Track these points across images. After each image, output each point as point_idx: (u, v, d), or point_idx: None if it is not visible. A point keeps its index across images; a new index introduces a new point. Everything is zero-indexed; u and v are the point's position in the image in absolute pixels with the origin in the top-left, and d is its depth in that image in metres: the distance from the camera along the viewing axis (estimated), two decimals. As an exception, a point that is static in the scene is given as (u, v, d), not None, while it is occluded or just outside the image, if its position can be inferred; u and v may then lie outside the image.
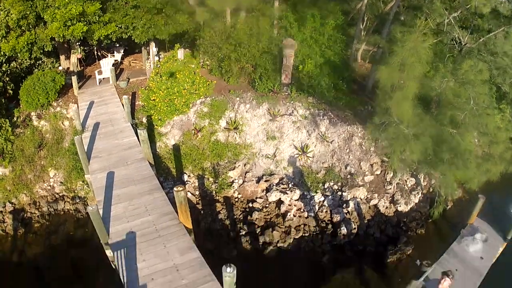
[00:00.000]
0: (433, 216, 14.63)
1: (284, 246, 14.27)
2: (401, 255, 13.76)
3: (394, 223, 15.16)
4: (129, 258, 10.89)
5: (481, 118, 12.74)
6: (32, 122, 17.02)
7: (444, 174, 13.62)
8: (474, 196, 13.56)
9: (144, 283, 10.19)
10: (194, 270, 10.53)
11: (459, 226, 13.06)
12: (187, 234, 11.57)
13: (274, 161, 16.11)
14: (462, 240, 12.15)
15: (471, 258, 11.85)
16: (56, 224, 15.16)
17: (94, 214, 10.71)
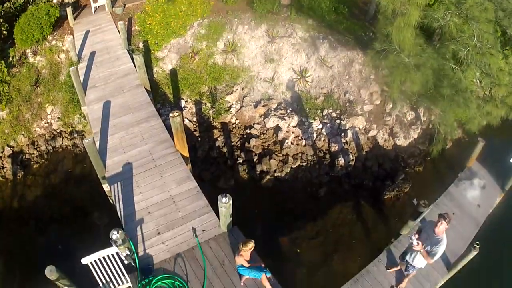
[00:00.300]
0: (431, 154, 14.16)
1: (281, 175, 14.05)
2: (399, 192, 13.51)
3: (393, 157, 14.76)
4: (125, 191, 10.71)
5: (484, 57, 11.99)
6: (27, 60, 16.38)
7: (444, 111, 13.10)
8: (473, 139, 12.95)
9: (141, 217, 10.07)
10: (190, 201, 10.40)
11: (458, 168, 12.63)
12: (183, 163, 11.33)
13: (272, 85, 15.51)
14: (459, 184, 11.77)
15: (468, 205, 11.50)
16: (55, 163, 14.97)
17: (90, 147, 10.30)
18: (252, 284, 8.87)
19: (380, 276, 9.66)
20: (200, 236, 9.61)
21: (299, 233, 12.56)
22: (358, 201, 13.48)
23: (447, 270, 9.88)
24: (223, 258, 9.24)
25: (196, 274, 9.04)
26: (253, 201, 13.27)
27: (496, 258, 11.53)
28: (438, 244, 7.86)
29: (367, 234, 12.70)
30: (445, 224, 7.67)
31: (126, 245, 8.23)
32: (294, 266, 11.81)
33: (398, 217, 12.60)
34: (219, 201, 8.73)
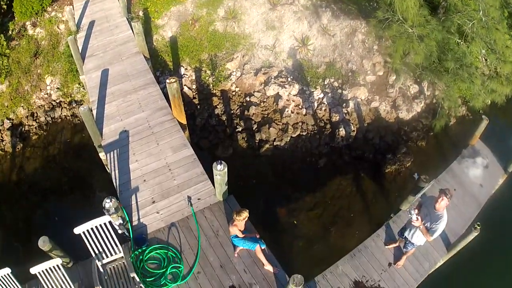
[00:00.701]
0: (434, 129, 13.51)
1: (280, 144, 13.50)
2: (400, 166, 12.89)
3: (395, 130, 14.08)
4: (121, 160, 10.38)
5: (489, 32, 11.45)
6: (27, 32, 15.89)
7: (448, 86, 12.63)
8: (477, 118, 12.36)
9: (136, 186, 9.76)
10: (186, 169, 10.07)
11: (461, 145, 12.02)
12: (180, 131, 10.95)
13: (273, 52, 14.79)
14: (462, 161, 11.18)
15: (471, 183, 10.92)
16: (53, 133, 14.61)
17: (86, 115, 9.92)
18: (246, 255, 8.59)
19: (377, 252, 9.22)
20: (195, 205, 9.32)
21: (297, 204, 12.13)
22: (358, 173, 12.94)
23: (446, 250, 9.44)
24: (217, 228, 8.96)
25: (189, 244, 8.79)
26: (251, 170, 12.82)
27: (497, 241, 11.05)
28: (439, 220, 7.34)
29: (366, 207, 12.22)
30: (446, 200, 7.20)
31: (119, 214, 8.00)
32: (291, 238, 11.44)
33: (399, 192, 12.11)
34: (214, 168, 8.37)
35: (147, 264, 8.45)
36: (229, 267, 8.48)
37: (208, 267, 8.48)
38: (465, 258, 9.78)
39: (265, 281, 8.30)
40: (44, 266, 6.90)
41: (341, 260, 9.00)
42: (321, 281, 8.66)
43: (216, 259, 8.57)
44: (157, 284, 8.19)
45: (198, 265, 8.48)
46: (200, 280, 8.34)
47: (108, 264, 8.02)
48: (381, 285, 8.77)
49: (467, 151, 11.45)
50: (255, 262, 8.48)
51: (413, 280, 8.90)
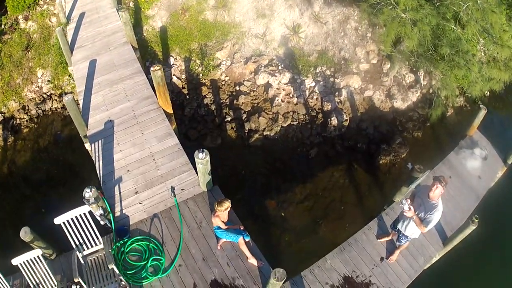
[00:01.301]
0: (431, 119, 12.83)
1: (270, 134, 12.86)
2: (395, 157, 12.20)
3: (390, 120, 13.36)
4: (106, 150, 9.91)
5: (485, 15, 10.75)
6: (19, 26, 15.49)
7: (444, 74, 11.92)
8: (475, 108, 11.82)
9: (120, 176, 9.30)
10: (171, 159, 9.55)
11: (458, 136, 11.33)
12: (165, 120, 10.40)
13: (264, 41, 14.16)
14: (460, 152, 10.51)
15: (468, 175, 10.23)
16: (44, 126, 14.20)
17: (70, 104, 9.44)
18: (229, 248, 8.07)
19: (369, 246, 8.57)
20: (178, 196, 8.82)
21: (287, 195, 11.53)
22: (351, 164, 12.28)
23: (442, 244, 8.78)
24: (200, 220, 8.43)
25: (172, 236, 8.30)
26: (241, 161, 12.26)
27: (495, 234, 10.50)
28: (433, 210, 6.67)
29: (359, 200, 11.58)
30: (441, 188, 6.52)
31: (99, 204, 7.69)
32: (280, 230, 10.87)
33: (394, 184, 11.38)
34: (196, 157, 7.82)
35: (128, 256, 8.01)
36: (211, 260, 7.95)
37: (190, 260, 7.97)
38: (462, 252, 9.24)
39: (248, 275, 7.76)
40: (25, 257, 6.64)
41: (330, 254, 8.36)
42: (308, 276, 8.05)
43: (199, 252, 8.05)
44: (138, 277, 7.75)
45: (180, 258, 7.98)
46: (181, 274, 7.85)
47: (89, 255, 7.66)
48: (372, 280, 8.13)
49: (465, 142, 10.75)
50: (239, 255, 7.93)
51: (406, 276, 8.25)
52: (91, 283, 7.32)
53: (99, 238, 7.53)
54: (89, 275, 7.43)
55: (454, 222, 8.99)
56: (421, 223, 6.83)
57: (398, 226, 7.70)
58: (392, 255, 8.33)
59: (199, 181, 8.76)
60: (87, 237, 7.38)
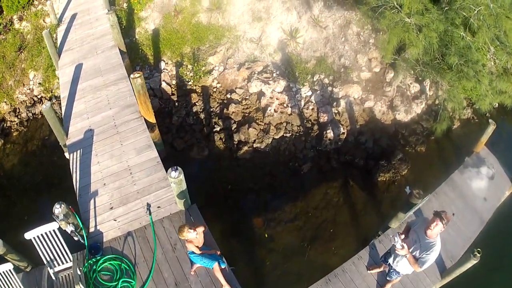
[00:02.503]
0: (435, 133, 12.07)
1: (260, 147, 12.24)
2: (395, 174, 11.48)
3: (391, 133, 12.63)
4: (83, 161, 9.57)
5: (498, 21, 10.01)
6: (13, 26, 15.37)
7: (452, 85, 11.24)
8: (483, 121, 11.35)
9: (96, 190, 8.96)
10: (148, 173, 9.16)
11: (464, 152, 10.59)
12: (146, 130, 10.00)
13: (259, 45, 13.63)
14: (465, 171, 9.72)
15: (473, 197, 9.44)
16: (33, 130, 13.95)
17: (48, 113, 9.23)
18: (204, 273, 7.59)
19: (358, 277, 7.90)
20: (154, 214, 8.40)
21: (275, 214, 10.92)
22: (346, 181, 11.59)
23: (440, 276, 8.05)
24: (175, 241, 7.99)
25: (145, 257, 7.88)
26: (228, 175, 11.71)
27: (499, 265, 9.69)
28: (430, 250, 5.89)
29: (353, 220, 10.88)
30: (441, 226, 5.72)
31: (70, 220, 7.44)
32: (265, 252, 10.26)
33: (392, 203, 10.79)
34: (169, 176, 7.38)
35: (100, 275, 7.68)
36: (184, 285, 7.48)
37: (162, 284, 7.53)
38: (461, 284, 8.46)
39: (223, 304, 7.32)
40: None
41: (314, 286, 7.73)
42: None
43: (171, 276, 7.59)
44: None
45: (151, 281, 7.56)
46: None
47: (61, 272, 7.45)
48: None
49: (471, 160, 9.95)
50: (214, 282, 7.45)
51: None
52: None
53: (69, 256, 7.34)
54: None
55: (454, 251, 8.30)
56: (416, 262, 6.08)
57: (389, 261, 6.99)
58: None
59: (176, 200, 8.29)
60: (57, 253, 7.22)
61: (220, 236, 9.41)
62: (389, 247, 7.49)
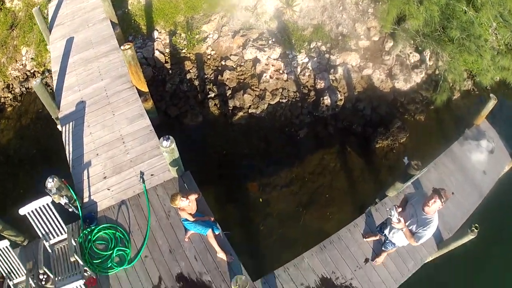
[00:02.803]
0: (435, 103, 11.86)
1: (256, 112, 11.97)
2: (393, 142, 11.21)
3: (389, 101, 12.30)
4: (76, 132, 9.46)
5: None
6: (5, 5, 15.14)
7: (452, 58, 11.09)
8: (484, 94, 11.12)
9: (89, 160, 8.88)
10: (141, 142, 9.01)
11: (464, 123, 10.39)
12: (138, 100, 9.81)
13: (254, 13, 13.25)
14: (465, 143, 9.51)
15: (473, 169, 9.23)
16: (27, 104, 13.80)
17: (39, 88, 9.18)
18: (198, 240, 7.55)
19: (353, 245, 7.81)
20: (147, 182, 8.31)
21: (270, 179, 10.73)
22: (344, 147, 11.36)
23: (437, 247, 7.96)
24: (169, 208, 7.92)
25: (139, 225, 7.83)
26: (222, 140, 11.51)
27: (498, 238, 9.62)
28: (426, 226, 5.77)
29: (350, 186, 10.67)
30: (439, 204, 5.57)
31: (63, 193, 7.45)
32: (260, 217, 10.15)
33: (389, 170, 10.60)
34: (160, 145, 7.27)
35: (95, 244, 7.70)
36: (178, 252, 7.47)
37: (157, 251, 7.52)
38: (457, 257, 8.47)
39: (216, 270, 7.27)
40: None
41: (308, 252, 7.67)
42: (281, 275, 7.43)
43: (166, 243, 7.57)
44: (104, 266, 7.48)
45: (146, 248, 7.55)
46: (147, 265, 7.43)
47: (57, 244, 7.42)
48: (353, 284, 7.45)
49: (471, 132, 9.72)
50: (208, 248, 7.41)
51: (392, 281, 7.52)
52: (58, 272, 7.08)
53: (64, 228, 7.32)
54: (56, 264, 7.19)
55: (452, 223, 8.17)
56: (412, 236, 5.96)
57: (385, 232, 6.89)
58: (379, 256, 7.57)
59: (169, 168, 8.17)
60: (52, 226, 7.21)
61: (214, 202, 9.32)
62: (385, 217, 7.39)
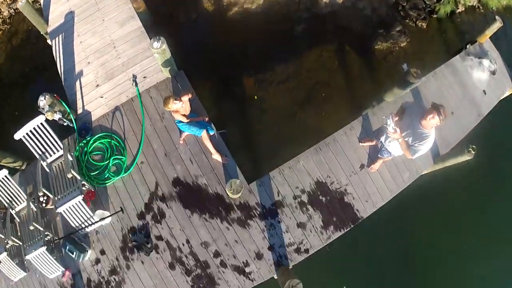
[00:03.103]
0: (438, 13, 10.94)
1: (251, 7, 11.05)
2: (393, 45, 10.42)
3: (391, 4, 11.25)
4: (66, 44, 9.02)
5: None
6: None
7: None
8: (489, 15, 10.19)
9: (80, 70, 8.52)
10: (132, 45, 8.52)
11: (466, 38, 9.76)
12: (128, 2, 9.13)
13: None
14: (466, 58, 8.81)
15: (473, 87, 8.62)
16: (16, 24, 13.01)
17: (25, 8, 8.76)
18: (193, 141, 7.33)
19: (349, 149, 7.42)
20: (140, 85, 7.98)
21: (266, 75, 10.16)
22: (342, 45, 10.60)
23: (433, 161, 7.59)
24: (163, 110, 7.63)
25: (133, 130, 7.64)
26: (217, 37, 10.80)
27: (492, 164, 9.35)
28: (423, 140, 5.44)
29: (347, 87, 10.05)
30: (437, 120, 5.20)
31: (56, 108, 7.27)
32: (256, 114, 9.73)
33: (388, 73, 9.94)
34: (151, 47, 6.86)
35: (91, 156, 7.58)
36: (174, 155, 7.30)
37: (152, 156, 7.38)
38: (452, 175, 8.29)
39: (212, 173, 7.14)
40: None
41: (304, 154, 7.34)
42: (276, 177, 7.20)
43: (161, 147, 7.39)
44: (102, 178, 7.43)
45: (141, 154, 7.41)
46: (143, 171, 7.34)
47: (54, 162, 7.36)
48: (348, 190, 7.21)
49: (474, 49, 9.03)
50: (203, 150, 7.21)
51: (387, 191, 7.27)
52: (56, 192, 7.04)
53: (59, 144, 7.21)
54: (55, 182, 7.16)
55: (450, 138, 7.77)
56: (407, 148, 5.58)
57: (381, 139, 6.54)
58: (374, 163, 7.24)
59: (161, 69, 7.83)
60: (48, 145, 7.14)
61: (209, 99, 9.03)
62: (383, 122, 7.06)
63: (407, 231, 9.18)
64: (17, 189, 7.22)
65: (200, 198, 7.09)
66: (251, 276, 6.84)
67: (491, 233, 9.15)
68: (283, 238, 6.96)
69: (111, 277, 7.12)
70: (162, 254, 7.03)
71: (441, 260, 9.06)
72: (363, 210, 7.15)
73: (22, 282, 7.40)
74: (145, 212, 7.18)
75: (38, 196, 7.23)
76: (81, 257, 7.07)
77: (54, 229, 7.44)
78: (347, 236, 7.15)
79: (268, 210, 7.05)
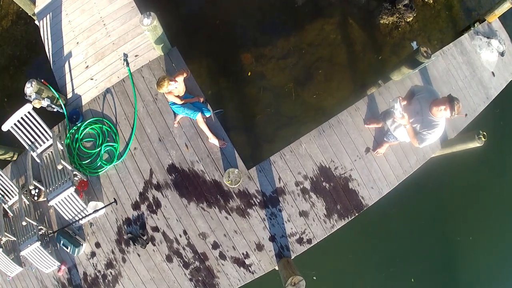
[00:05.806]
0: None
1: None
2: (399, 19, 9.56)
3: None
4: (54, 24, 8.31)
5: None
6: None
7: None
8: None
9: (69, 51, 7.83)
10: (123, 22, 7.75)
11: (474, 18, 9.02)
12: (119, -25, 8.34)
13: None
14: (475, 37, 8.15)
15: (481, 68, 7.97)
16: (6, 6, 11.88)
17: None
18: (188, 124, 6.65)
19: (354, 131, 6.76)
20: (132, 64, 7.27)
21: (265, 49, 9.36)
22: (345, 18, 9.75)
23: (440, 145, 6.97)
24: (156, 91, 6.94)
25: (126, 114, 6.98)
26: (214, 10, 9.95)
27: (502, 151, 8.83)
28: (432, 129, 4.88)
29: (351, 63, 9.31)
30: (448, 114, 4.62)
31: (43, 95, 6.79)
32: (255, 92, 8.99)
33: (393, 49, 9.22)
34: (141, 24, 6.13)
35: (83, 143, 6.99)
36: (168, 140, 6.65)
37: (146, 142, 6.73)
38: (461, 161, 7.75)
39: (209, 158, 6.50)
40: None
41: (306, 137, 6.68)
42: (277, 162, 6.57)
43: (154, 131, 6.73)
44: (94, 166, 6.87)
45: (134, 139, 6.78)
46: (137, 158, 6.73)
47: (44, 152, 6.86)
48: (353, 175, 6.60)
49: (482, 28, 8.41)
50: (199, 133, 6.56)
51: (393, 177, 6.65)
52: (48, 183, 6.53)
53: (49, 133, 6.65)
54: (46, 173, 6.61)
55: (458, 121, 7.17)
56: (415, 136, 5.04)
57: (388, 122, 5.92)
58: (380, 147, 6.62)
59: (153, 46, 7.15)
60: (37, 134, 6.60)
61: (205, 77, 8.44)
62: (389, 106, 6.47)
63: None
64: (8, 183, 6.77)
65: (197, 186, 6.47)
66: (251, 268, 6.30)
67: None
68: (284, 227, 6.39)
69: (107, 271, 6.65)
70: (158, 246, 6.49)
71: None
72: (368, 197, 6.55)
73: (18, 277, 7.03)
74: (140, 202, 6.60)
75: (30, 190, 6.80)
76: (76, 251, 6.60)
77: (47, 222, 6.98)
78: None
79: (269, 198, 6.43)
